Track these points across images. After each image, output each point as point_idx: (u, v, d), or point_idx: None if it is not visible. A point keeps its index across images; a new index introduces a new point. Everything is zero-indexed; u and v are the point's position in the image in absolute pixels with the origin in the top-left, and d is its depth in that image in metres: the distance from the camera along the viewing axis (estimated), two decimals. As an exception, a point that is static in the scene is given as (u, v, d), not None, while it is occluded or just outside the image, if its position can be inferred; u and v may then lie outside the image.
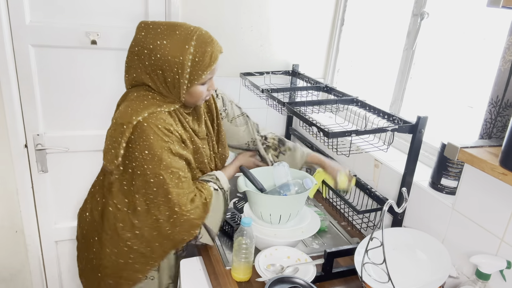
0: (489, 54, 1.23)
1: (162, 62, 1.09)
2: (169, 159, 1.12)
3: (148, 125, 1.09)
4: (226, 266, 1.27)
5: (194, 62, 1.10)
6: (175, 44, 1.08)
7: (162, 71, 1.11)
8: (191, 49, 1.08)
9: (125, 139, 1.10)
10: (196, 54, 1.09)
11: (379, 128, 1.17)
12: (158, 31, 1.10)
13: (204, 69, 1.12)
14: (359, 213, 1.34)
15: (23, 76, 1.62)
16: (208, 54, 1.11)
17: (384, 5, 1.79)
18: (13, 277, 1.92)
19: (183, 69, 1.09)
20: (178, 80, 1.11)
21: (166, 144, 1.12)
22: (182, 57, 1.08)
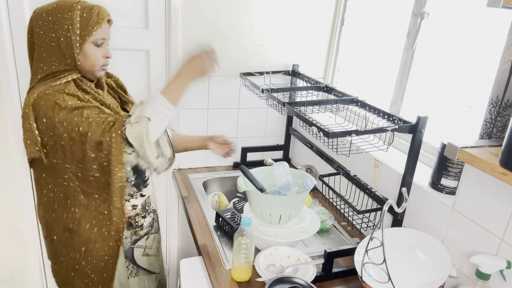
0: (489, 54, 1.23)
1: (53, 23, 1.15)
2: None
3: (45, 94, 1.13)
4: (226, 266, 1.27)
5: (82, 18, 1.17)
6: (64, 5, 1.17)
7: (54, 32, 1.16)
8: (78, 6, 1.17)
9: (33, 119, 1.13)
10: (84, 10, 1.18)
11: (379, 128, 1.17)
12: (49, 3, 1.19)
13: (93, 25, 1.18)
14: (359, 213, 1.34)
15: (23, 76, 1.62)
16: (95, 11, 1.19)
17: (384, 5, 1.79)
18: (13, 277, 1.92)
19: (73, 24, 1.15)
20: (70, 38, 1.16)
21: (69, 99, 1.15)
22: (70, 13, 1.15)
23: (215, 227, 1.51)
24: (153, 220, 1.47)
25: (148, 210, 1.43)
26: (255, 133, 2.09)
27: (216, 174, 1.99)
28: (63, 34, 1.16)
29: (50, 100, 1.12)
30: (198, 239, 1.43)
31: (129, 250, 1.40)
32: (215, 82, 1.92)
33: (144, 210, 1.41)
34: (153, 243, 1.49)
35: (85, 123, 1.10)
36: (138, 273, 1.43)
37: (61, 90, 1.14)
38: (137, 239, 1.41)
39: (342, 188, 1.63)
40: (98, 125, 1.11)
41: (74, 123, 1.11)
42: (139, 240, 1.42)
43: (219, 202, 1.77)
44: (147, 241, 1.45)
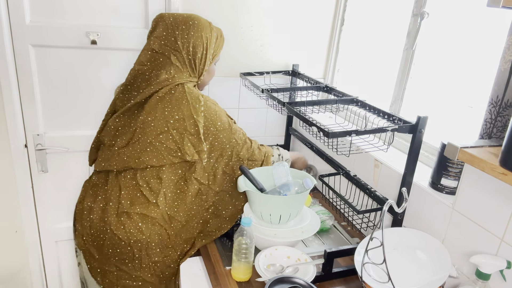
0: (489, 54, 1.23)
1: (195, 38, 1.28)
2: (234, 125, 1.36)
3: (210, 100, 1.31)
4: (226, 266, 1.27)
5: (217, 40, 1.35)
6: (204, 24, 1.31)
7: (193, 47, 1.28)
8: (214, 29, 1.34)
9: (201, 120, 1.25)
10: (217, 34, 1.35)
11: (379, 128, 1.17)
12: (184, 16, 1.32)
13: (220, 48, 1.38)
14: (359, 213, 1.34)
15: (23, 76, 1.62)
16: (222, 36, 1.39)
17: (384, 5, 1.79)
18: (13, 277, 1.92)
19: (210, 44, 1.31)
20: (205, 55, 1.31)
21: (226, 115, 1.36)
22: (210, 34, 1.31)
23: (215, 227, 1.51)
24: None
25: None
26: (255, 133, 2.09)
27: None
28: (200, 50, 1.29)
29: (219, 112, 1.34)
30: (198, 239, 1.43)
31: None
32: (215, 82, 1.92)
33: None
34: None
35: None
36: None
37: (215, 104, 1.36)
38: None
39: (342, 188, 1.63)
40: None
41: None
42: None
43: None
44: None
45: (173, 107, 1.24)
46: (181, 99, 1.24)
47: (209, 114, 1.28)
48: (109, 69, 1.74)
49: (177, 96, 1.24)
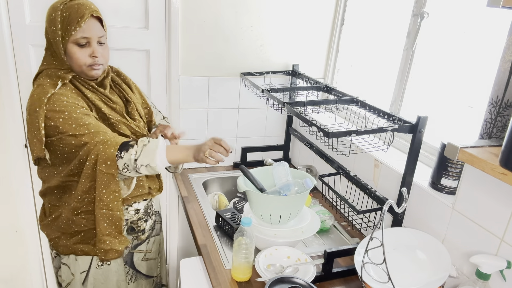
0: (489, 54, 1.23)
1: (48, 24, 1.18)
2: (83, 118, 1.16)
3: (58, 96, 1.15)
4: (226, 266, 1.27)
5: (62, 17, 1.16)
6: (52, 7, 1.18)
7: (46, 33, 1.19)
8: (61, 6, 1.16)
9: (42, 119, 1.12)
10: (64, 9, 1.16)
11: (379, 128, 1.17)
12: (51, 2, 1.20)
13: (74, 25, 1.15)
14: (359, 213, 1.34)
15: (23, 76, 1.62)
16: (74, 9, 1.16)
17: (384, 5, 1.79)
18: (13, 277, 1.92)
19: (56, 25, 1.15)
20: (55, 39, 1.17)
21: (79, 107, 1.17)
22: (54, 14, 1.16)
23: (215, 227, 1.51)
24: (154, 223, 1.47)
25: (150, 213, 1.43)
26: (255, 133, 2.09)
27: (216, 174, 1.99)
28: (51, 35, 1.18)
29: (67, 105, 1.15)
30: (198, 239, 1.43)
31: (128, 255, 1.39)
32: (215, 82, 1.92)
33: (146, 214, 1.41)
34: (153, 246, 1.49)
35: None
36: (136, 278, 1.43)
37: (66, 95, 1.16)
38: (138, 244, 1.41)
39: (342, 188, 1.63)
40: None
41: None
42: (140, 244, 1.42)
43: (219, 202, 1.77)
44: (147, 245, 1.45)
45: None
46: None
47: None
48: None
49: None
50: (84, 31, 1.17)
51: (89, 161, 1.14)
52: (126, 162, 1.13)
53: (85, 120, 1.14)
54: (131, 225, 1.36)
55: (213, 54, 1.87)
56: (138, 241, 1.41)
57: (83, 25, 1.16)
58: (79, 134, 1.13)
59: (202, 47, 1.84)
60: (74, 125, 1.13)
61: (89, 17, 1.17)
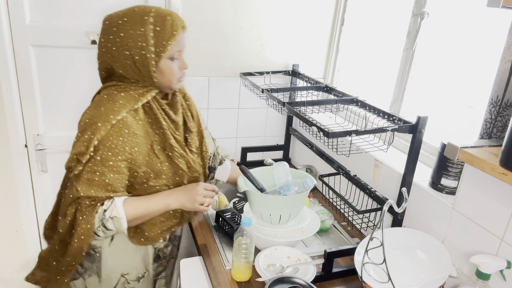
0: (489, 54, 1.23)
1: (126, 39, 1.07)
2: (112, 158, 1.09)
3: (121, 128, 1.09)
4: (226, 266, 1.27)
5: (156, 32, 1.07)
6: (135, 19, 1.08)
7: (128, 50, 1.08)
8: (151, 19, 1.07)
9: (99, 138, 1.06)
10: (157, 23, 1.07)
11: (379, 128, 1.17)
12: (119, 14, 1.12)
13: (168, 39, 1.08)
14: (359, 213, 1.34)
15: (23, 76, 1.62)
16: (168, 23, 1.08)
17: (384, 5, 1.79)
18: (13, 277, 1.92)
19: (147, 41, 1.07)
20: (145, 56, 1.08)
21: (125, 154, 1.11)
22: (143, 29, 1.06)
23: (215, 227, 1.51)
24: (173, 247, 1.47)
25: (174, 238, 1.45)
26: (255, 133, 2.09)
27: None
28: (137, 52, 1.08)
29: (118, 144, 1.09)
30: (198, 239, 1.43)
31: (151, 282, 1.40)
32: (215, 82, 1.92)
33: (170, 239, 1.42)
34: (171, 267, 1.50)
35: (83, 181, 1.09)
36: None
37: (130, 127, 1.10)
38: (161, 271, 1.43)
39: (342, 188, 1.63)
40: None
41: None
42: (163, 271, 1.44)
43: (219, 202, 1.76)
44: (166, 271, 1.46)
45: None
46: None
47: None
48: (109, 69, 1.73)
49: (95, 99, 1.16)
50: (179, 44, 1.12)
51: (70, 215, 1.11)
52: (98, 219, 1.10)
53: (107, 175, 1.09)
54: (158, 253, 1.37)
55: (213, 54, 1.87)
56: (161, 267, 1.43)
57: (178, 38, 1.10)
58: (91, 180, 1.09)
59: (202, 47, 1.84)
60: (97, 173, 1.08)
61: (181, 29, 1.12)
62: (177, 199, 1.20)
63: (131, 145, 1.11)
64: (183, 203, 1.20)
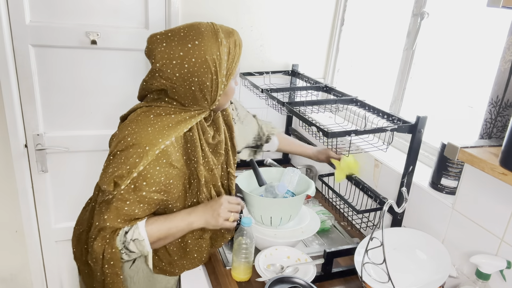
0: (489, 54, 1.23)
1: (199, 65, 0.98)
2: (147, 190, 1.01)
3: (168, 155, 1.00)
4: (226, 266, 1.27)
5: (229, 55, 1.01)
6: (208, 41, 0.98)
7: (198, 76, 0.98)
8: (224, 41, 1.00)
9: (145, 163, 0.97)
10: (229, 45, 1.01)
11: (378, 128, 1.17)
12: (181, 34, 0.99)
13: (237, 60, 1.04)
14: (359, 213, 1.34)
15: (23, 76, 1.62)
16: (237, 43, 1.04)
17: (384, 5, 1.79)
18: (13, 277, 1.92)
19: (221, 66, 1.00)
20: (217, 80, 1.01)
21: (159, 186, 1.02)
22: (219, 52, 0.99)
23: (215, 227, 1.51)
24: None
25: None
26: (255, 133, 2.09)
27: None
28: (209, 78, 0.99)
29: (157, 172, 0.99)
30: (198, 239, 1.43)
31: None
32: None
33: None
34: None
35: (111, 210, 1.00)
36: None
37: (169, 157, 1.00)
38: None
39: (342, 188, 1.63)
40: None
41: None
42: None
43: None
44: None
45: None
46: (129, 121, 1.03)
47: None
48: (109, 69, 1.74)
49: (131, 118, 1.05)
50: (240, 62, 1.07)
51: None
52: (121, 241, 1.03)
53: (137, 205, 1.01)
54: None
55: (213, 54, 1.87)
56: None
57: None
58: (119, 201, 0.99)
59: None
60: (128, 202, 0.99)
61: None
62: (200, 217, 1.10)
63: (167, 176, 1.02)
64: (207, 220, 1.10)
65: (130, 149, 0.97)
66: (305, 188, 1.38)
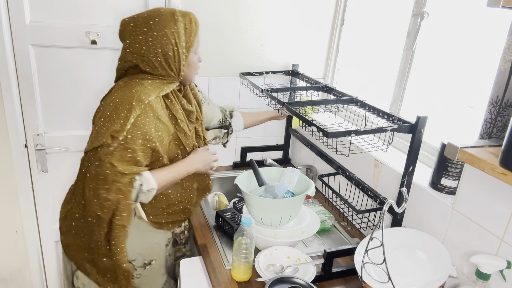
0: (489, 54, 1.23)
1: (160, 37, 1.16)
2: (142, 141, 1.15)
3: (148, 109, 1.15)
4: (226, 266, 1.27)
5: (185, 30, 1.20)
6: (166, 18, 1.17)
7: (161, 47, 1.17)
8: (180, 18, 1.19)
9: (134, 116, 1.11)
10: (185, 20, 1.20)
11: (378, 128, 1.17)
12: (145, 15, 1.20)
13: (194, 35, 1.22)
14: (359, 213, 1.34)
15: (23, 76, 1.62)
16: (192, 20, 1.22)
17: (384, 5, 1.79)
18: (13, 277, 1.92)
19: (179, 38, 1.18)
20: (178, 51, 1.19)
21: (151, 132, 1.16)
22: (176, 27, 1.17)
23: (215, 227, 1.51)
24: (188, 233, 1.50)
25: (187, 226, 1.49)
26: (255, 133, 2.09)
27: (216, 174, 1.99)
28: (170, 48, 1.18)
29: (148, 125, 1.15)
30: (198, 239, 1.43)
31: (171, 266, 1.43)
32: (215, 82, 1.92)
33: (186, 225, 1.46)
34: (190, 251, 1.53)
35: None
36: (171, 284, 1.46)
37: (155, 111, 1.16)
38: (180, 256, 1.45)
39: (342, 188, 1.63)
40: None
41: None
42: (182, 256, 1.45)
43: (219, 202, 1.77)
44: (187, 254, 1.49)
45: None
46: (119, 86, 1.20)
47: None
48: (109, 69, 1.74)
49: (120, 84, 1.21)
50: (198, 38, 1.25)
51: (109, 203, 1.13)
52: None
53: (138, 152, 1.14)
54: (175, 238, 1.40)
55: (213, 54, 1.87)
56: (180, 253, 1.45)
57: (198, 33, 1.24)
58: (122, 158, 1.12)
59: (202, 47, 1.84)
60: (129, 150, 1.12)
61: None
62: (193, 165, 1.32)
63: (156, 128, 1.17)
64: (198, 167, 1.34)
65: (119, 106, 1.12)
66: (305, 188, 1.38)
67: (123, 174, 1.12)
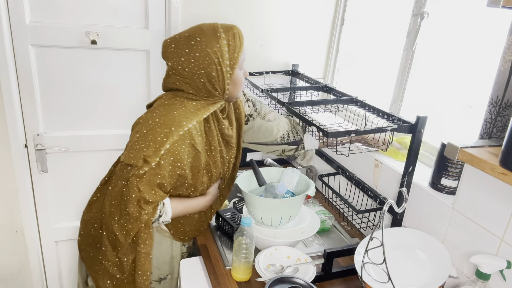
0: (489, 54, 1.23)
1: (203, 58, 1.12)
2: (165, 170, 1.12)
3: (186, 138, 1.12)
4: (226, 266, 1.27)
5: (229, 46, 1.15)
6: (208, 37, 1.13)
7: (204, 68, 1.13)
8: (222, 34, 1.14)
9: (171, 142, 1.09)
10: (228, 37, 1.15)
11: (378, 128, 1.17)
12: (186, 35, 1.15)
13: (238, 50, 1.16)
14: (359, 213, 1.34)
15: (23, 76, 1.62)
16: (236, 35, 1.16)
17: (384, 5, 1.79)
18: (13, 277, 1.92)
19: (223, 56, 1.13)
20: (221, 70, 1.14)
21: (182, 162, 1.15)
22: (219, 45, 1.13)
23: (215, 227, 1.51)
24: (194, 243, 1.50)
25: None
26: (255, 133, 2.09)
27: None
28: (214, 68, 1.13)
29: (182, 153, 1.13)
30: (198, 239, 1.43)
31: (175, 282, 1.42)
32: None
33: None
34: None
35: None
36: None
37: (193, 139, 1.14)
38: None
39: (342, 188, 1.63)
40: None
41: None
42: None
43: (219, 202, 1.76)
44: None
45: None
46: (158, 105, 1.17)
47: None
48: (109, 69, 1.74)
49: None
50: (243, 53, 1.20)
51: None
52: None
53: (167, 179, 1.13)
54: (188, 252, 1.43)
55: (213, 54, 1.87)
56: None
57: (243, 48, 1.18)
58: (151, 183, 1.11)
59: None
60: (159, 176, 1.11)
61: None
62: (209, 203, 1.34)
63: (189, 155, 1.15)
64: (212, 203, 1.37)
65: (158, 128, 1.09)
66: (305, 188, 1.38)
67: (148, 202, 1.11)
